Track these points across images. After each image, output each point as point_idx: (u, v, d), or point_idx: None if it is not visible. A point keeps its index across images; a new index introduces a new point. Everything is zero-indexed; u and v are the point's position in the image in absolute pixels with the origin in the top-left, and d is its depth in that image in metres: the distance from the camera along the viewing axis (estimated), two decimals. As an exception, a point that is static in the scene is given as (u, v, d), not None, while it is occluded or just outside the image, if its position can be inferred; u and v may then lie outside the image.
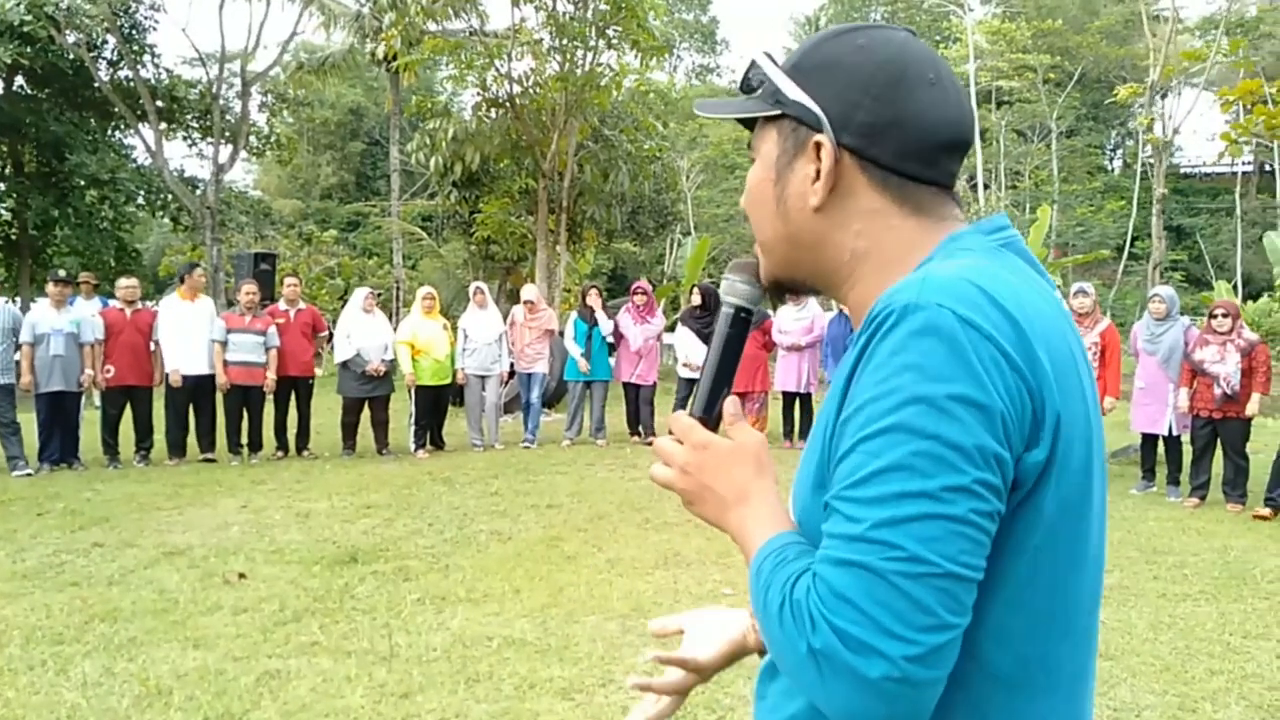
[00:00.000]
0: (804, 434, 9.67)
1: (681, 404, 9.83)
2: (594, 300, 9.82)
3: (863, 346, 0.83)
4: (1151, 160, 36.42)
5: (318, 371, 9.31)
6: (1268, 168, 33.17)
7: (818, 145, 0.93)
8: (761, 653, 1.19)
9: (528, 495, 7.21)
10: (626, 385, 9.86)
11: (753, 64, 1.00)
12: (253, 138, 20.13)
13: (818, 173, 0.94)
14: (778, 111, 0.96)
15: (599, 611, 4.54)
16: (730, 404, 1.00)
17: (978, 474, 0.76)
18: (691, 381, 9.78)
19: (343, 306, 19.63)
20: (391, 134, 24.59)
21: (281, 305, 9.02)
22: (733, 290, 1.05)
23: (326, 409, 11.09)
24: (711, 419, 1.00)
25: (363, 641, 4.13)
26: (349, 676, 3.74)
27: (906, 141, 0.92)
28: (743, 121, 1.03)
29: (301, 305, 9.13)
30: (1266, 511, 6.79)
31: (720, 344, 1.03)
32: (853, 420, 0.81)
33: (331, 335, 10.33)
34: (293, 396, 8.94)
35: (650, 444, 9.43)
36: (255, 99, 19.62)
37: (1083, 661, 0.90)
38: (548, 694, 3.63)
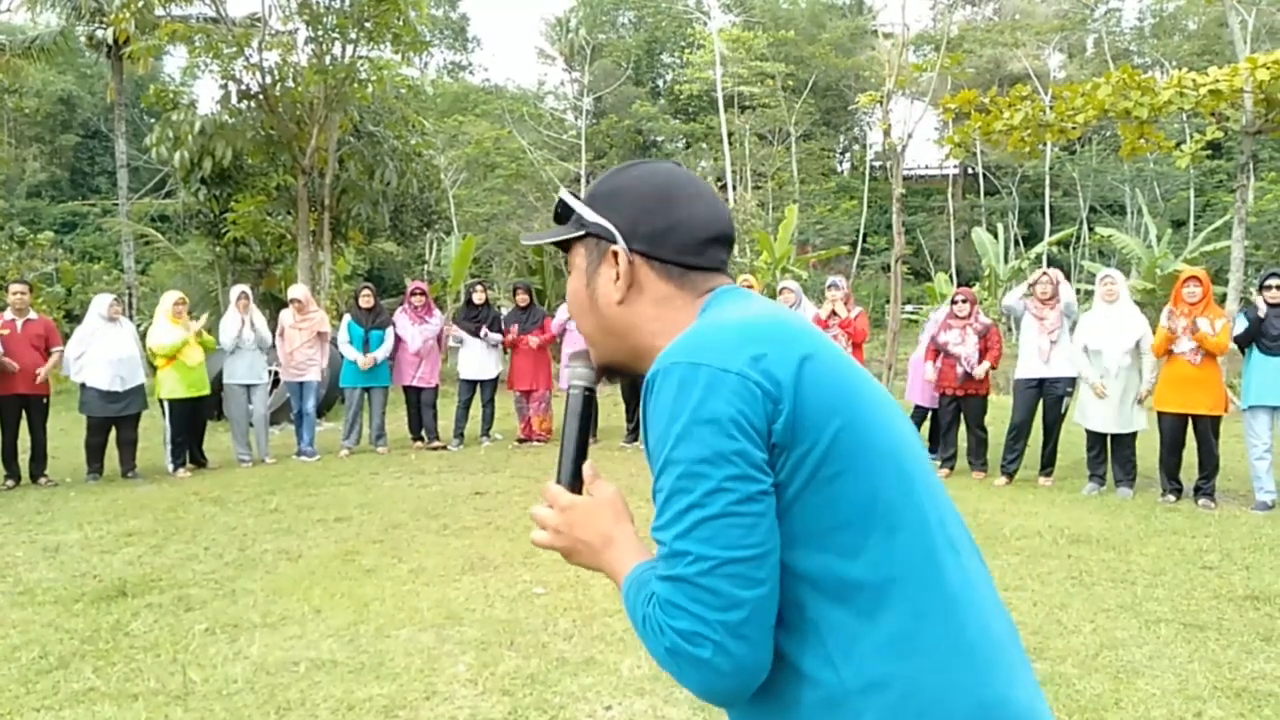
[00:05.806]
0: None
1: (465, 407, 9.67)
2: (368, 302, 9.41)
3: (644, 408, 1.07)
4: (877, 163, 39.82)
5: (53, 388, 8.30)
6: (971, 171, 37.11)
7: (614, 253, 1.19)
8: None
9: (312, 510, 6.80)
10: (408, 389, 9.51)
11: (560, 201, 1.27)
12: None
13: (618, 274, 1.19)
14: (583, 232, 1.23)
15: (410, 624, 4.39)
16: (587, 467, 1.20)
17: (723, 473, 0.97)
18: (473, 383, 9.63)
19: (64, 317, 17.74)
20: (116, 126, 22.38)
21: (8, 315, 7.95)
22: (576, 375, 1.25)
23: (60, 430, 9.98)
24: (577, 486, 1.19)
25: (149, 681, 3.76)
26: (139, 722, 3.40)
27: (680, 240, 1.19)
28: (560, 245, 1.27)
29: (32, 315, 8.10)
30: (1002, 480, 7.61)
31: (576, 422, 1.22)
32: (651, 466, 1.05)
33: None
34: (23, 417, 7.93)
35: (436, 448, 9.25)
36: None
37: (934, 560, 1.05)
38: (369, 714, 3.47)
